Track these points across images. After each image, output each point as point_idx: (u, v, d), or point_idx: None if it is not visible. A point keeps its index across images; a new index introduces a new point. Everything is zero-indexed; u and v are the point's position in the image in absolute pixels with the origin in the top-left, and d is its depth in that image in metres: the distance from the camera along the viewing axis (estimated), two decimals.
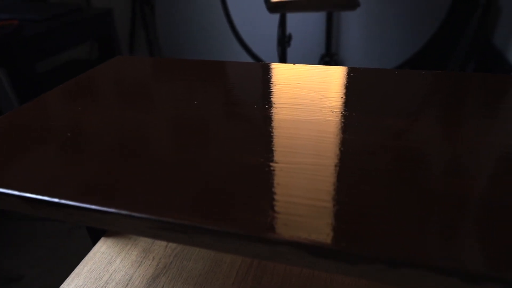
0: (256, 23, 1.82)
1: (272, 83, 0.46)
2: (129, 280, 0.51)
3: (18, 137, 0.37)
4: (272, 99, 0.42)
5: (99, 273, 0.52)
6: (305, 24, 1.80)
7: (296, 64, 0.52)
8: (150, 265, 0.53)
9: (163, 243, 0.56)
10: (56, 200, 0.29)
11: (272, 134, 0.36)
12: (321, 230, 0.25)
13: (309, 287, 0.48)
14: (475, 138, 0.34)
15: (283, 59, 1.49)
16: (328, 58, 1.81)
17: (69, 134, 0.37)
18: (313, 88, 0.44)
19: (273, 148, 0.34)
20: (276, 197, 0.28)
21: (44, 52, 1.15)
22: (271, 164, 0.32)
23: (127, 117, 0.40)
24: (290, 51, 1.76)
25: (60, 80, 0.53)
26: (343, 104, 0.40)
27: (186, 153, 0.34)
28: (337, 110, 0.39)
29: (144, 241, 0.57)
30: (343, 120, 0.37)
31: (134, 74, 0.51)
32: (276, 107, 0.40)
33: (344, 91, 0.43)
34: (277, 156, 0.33)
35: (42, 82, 1.14)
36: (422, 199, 0.27)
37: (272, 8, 1.05)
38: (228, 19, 1.87)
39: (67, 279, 0.52)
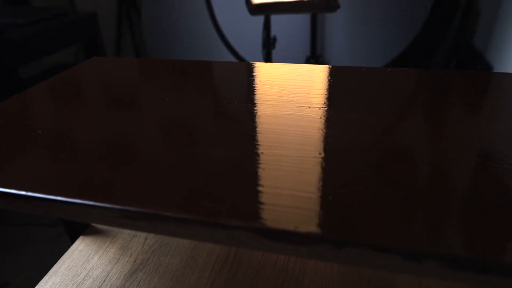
0: (241, 25, 1.84)
1: (255, 82, 0.47)
2: (106, 277, 0.51)
3: None
4: (254, 96, 0.43)
5: (77, 271, 0.52)
6: (290, 26, 1.82)
7: (279, 63, 0.53)
8: (127, 261, 0.53)
9: (141, 240, 0.57)
10: (23, 193, 0.30)
11: (245, 128, 0.37)
12: (273, 216, 0.26)
13: (282, 279, 0.49)
14: (456, 132, 0.35)
15: (268, 61, 1.51)
16: (313, 60, 1.83)
17: (39, 132, 0.38)
18: (296, 86, 0.45)
19: (247, 141, 0.35)
20: (236, 186, 0.29)
21: (28, 57, 1.15)
22: (242, 156, 0.33)
23: (94, 114, 0.41)
24: (275, 53, 1.77)
25: None
26: (325, 101, 0.41)
27: (155, 146, 0.35)
28: (319, 107, 0.40)
29: (122, 239, 0.57)
30: (325, 116, 0.38)
31: (108, 75, 0.52)
32: (258, 104, 0.41)
33: (325, 88, 0.44)
34: (246, 147, 0.34)
35: (27, 87, 1.14)
36: (395, 189, 0.28)
37: (253, 10, 1.06)
38: (213, 22, 1.89)
39: (44, 277, 0.52)
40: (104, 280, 0.51)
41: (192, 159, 0.32)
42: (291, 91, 0.44)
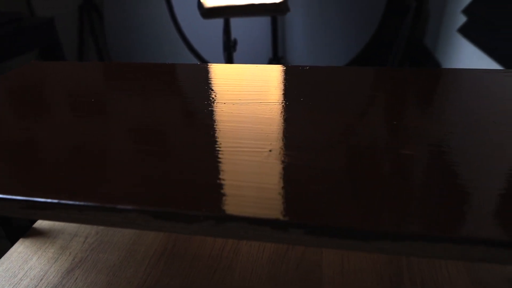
0: (204, 28, 1.86)
1: (215, 82, 0.48)
2: (44, 276, 0.52)
3: None
4: (213, 96, 0.44)
5: (14, 272, 0.53)
6: (251, 29, 1.86)
7: (238, 64, 0.54)
8: (66, 260, 0.54)
9: (81, 239, 0.58)
10: None
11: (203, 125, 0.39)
12: (163, 198, 0.28)
13: (215, 267, 0.51)
14: (405, 123, 0.37)
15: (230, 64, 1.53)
16: (275, 61, 1.87)
17: None
18: (254, 85, 0.47)
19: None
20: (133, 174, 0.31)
21: None
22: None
23: (26, 116, 0.42)
24: (237, 55, 1.81)
25: None
26: (282, 98, 0.43)
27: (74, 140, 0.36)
28: (277, 104, 0.42)
29: (62, 239, 0.58)
30: (282, 111, 0.40)
31: (43, 79, 0.53)
32: (217, 104, 0.43)
33: (282, 87, 0.46)
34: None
35: None
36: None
37: (205, 14, 1.09)
38: (176, 26, 1.90)
39: None
40: (42, 279, 0.51)
41: (114, 154, 0.34)
42: (249, 90, 0.45)
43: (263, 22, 1.83)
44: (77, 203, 0.29)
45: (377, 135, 0.36)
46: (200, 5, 1.10)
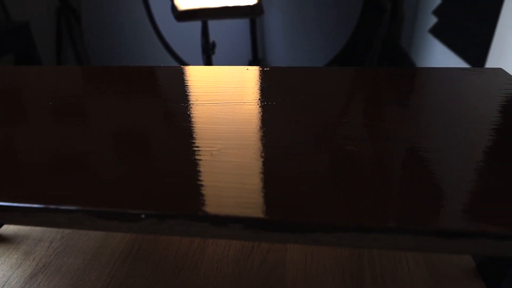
0: (183, 31, 1.86)
1: (192, 84, 0.48)
2: (6, 282, 0.51)
3: None
4: (192, 97, 0.44)
5: None
6: (230, 31, 1.87)
7: (216, 66, 0.54)
8: (29, 265, 0.53)
9: (46, 244, 0.57)
10: None
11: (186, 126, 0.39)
12: (107, 199, 0.29)
13: (180, 267, 0.51)
14: (381, 119, 0.38)
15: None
16: (255, 63, 1.89)
17: None
18: (232, 86, 0.47)
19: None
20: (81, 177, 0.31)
21: None
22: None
23: None
24: (217, 58, 1.81)
25: None
26: (259, 98, 0.44)
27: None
28: (255, 104, 0.42)
29: (26, 244, 0.57)
30: (261, 112, 0.40)
31: (14, 84, 0.52)
32: (197, 105, 0.43)
33: (259, 87, 0.47)
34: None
35: None
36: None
37: (179, 16, 1.09)
38: (154, 28, 1.89)
39: None
40: (4, 285, 0.51)
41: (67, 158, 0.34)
42: (225, 91, 0.46)
43: (243, 24, 1.84)
44: (21, 205, 0.29)
45: (339, 131, 0.36)
46: (173, 7, 1.10)
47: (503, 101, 0.41)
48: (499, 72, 0.49)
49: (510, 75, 0.47)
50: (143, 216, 0.27)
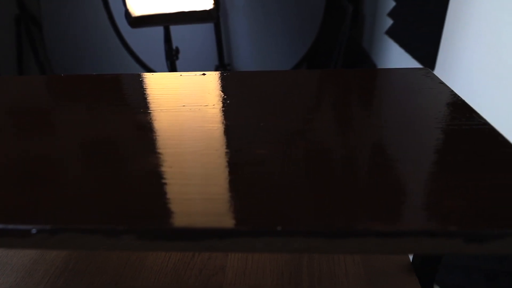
0: (148, 38, 1.84)
1: (154, 91, 0.48)
2: None
3: None
4: (153, 105, 0.44)
5: None
6: (195, 36, 1.86)
7: (179, 72, 0.54)
8: None
9: None
10: None
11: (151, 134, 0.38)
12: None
13: (117, 281, 0.50)
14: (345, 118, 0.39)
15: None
16: (222, 68, 1.88)
17: None
18: (195, 92, 0.47)
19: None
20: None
21: None
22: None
23: None
24: (183, 64, 1.80)
25: None
26: (224, 102, 0.44)
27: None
28: (218, 108, 0.42)
29: None
30: (222, 116, 0.40)
31: None
32: (160, 112, 0.42)
33: (223, 91, 0.47)
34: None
35: None
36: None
37: (133, 23, 1.08)
38: (118, 35, 1.86)
39: None
40: None
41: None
42: (190, 96, 0.45)
43: (207, 29, 1.83)
44: None
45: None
46: (127, 13, 1.09)
47: (423, 100, 0.42)
48: (426, 72, 0.50)
49: (435, 75, 0.49)
50: (33, 230, 0.26)
